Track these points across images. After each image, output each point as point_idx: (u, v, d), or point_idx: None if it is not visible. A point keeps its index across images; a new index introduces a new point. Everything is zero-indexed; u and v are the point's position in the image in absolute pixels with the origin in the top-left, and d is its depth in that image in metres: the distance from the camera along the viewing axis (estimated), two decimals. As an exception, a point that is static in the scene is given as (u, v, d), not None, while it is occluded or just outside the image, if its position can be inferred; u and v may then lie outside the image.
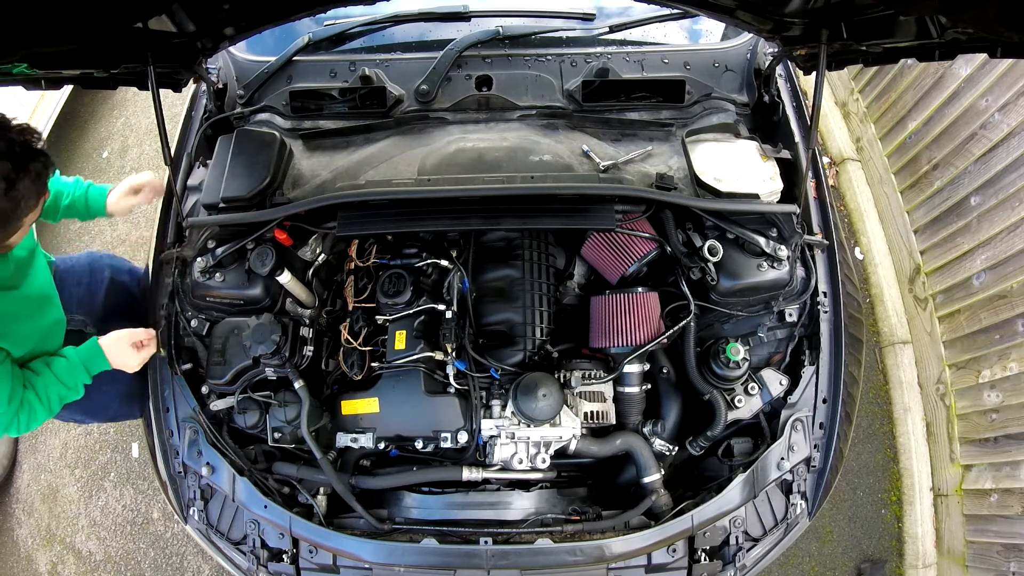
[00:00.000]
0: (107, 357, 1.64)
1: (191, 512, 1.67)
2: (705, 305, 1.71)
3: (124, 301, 2.03)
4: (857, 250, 3.21)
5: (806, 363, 1.67)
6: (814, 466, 1.64)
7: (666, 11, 1.89)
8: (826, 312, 1.70)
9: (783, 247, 1.66)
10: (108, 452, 3.06)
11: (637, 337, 1.67)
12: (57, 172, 1.80)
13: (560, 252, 1.98)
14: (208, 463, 1.63)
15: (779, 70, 1.96)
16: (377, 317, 1.78)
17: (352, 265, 1.88)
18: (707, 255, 1.65)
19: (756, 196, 1.67)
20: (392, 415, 1.67)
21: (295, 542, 1.60)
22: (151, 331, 1.71)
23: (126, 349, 1.64)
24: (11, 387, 1.49)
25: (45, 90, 1.54)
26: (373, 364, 1.75)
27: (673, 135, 1.85)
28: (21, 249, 1.58)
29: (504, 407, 1.65)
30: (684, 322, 1.69)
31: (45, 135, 3.61)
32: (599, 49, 1.98)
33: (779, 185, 1.71)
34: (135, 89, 1.61)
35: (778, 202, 1.70)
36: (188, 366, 1.76)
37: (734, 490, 1.55)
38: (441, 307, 1.72)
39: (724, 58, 1.98)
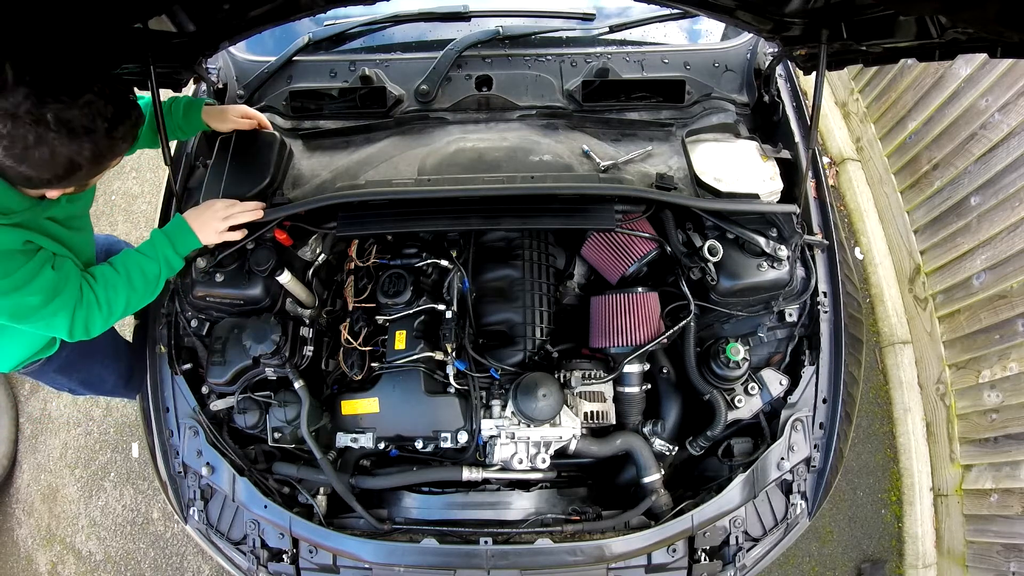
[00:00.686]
0: (193, 229, 1.56)
1: (191, 512, 1.67)
2: (705, 305, 1.71)
3: None
4: (857, 250, 3.21)
5: (806, 363, 1.67)
6: (814, 466, 1.64)
7: (666, 11, 1.89)
8: (826, 312, 1.70)
9: (783, 247, 1.66)
10: (108, 452, 3.06)
11: (637, 337, 1.67)
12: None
13: (560, 252, 1.98)
14: (208, 463, 1.63)
15: (779, 70, 1.96)
16: (377, 317, 1.78)
17: (352, 265, 1.88)
18: (707, 255, 1.65)
19: (756, 196, 1.67)
20: (392, 415, 1.67)
21: (295, 542, 1.60)
22: (254, 204, 1.62)
23: (213, 221, 1.57)
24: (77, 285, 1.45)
25: (45, 90, 1.53)
26: (373, 364, 1.75)
27: (673, 135, 1.86)
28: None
29: (504, 407, 1.65)
30: (684, 322, 1.69)
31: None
32: (599, 49, 1.98)
33: (779, 185, 1.71)
34: (135, 89, 1.61)
35: (778, 202, 1.70)
36: (188, 366, 1.76)
37: (734, 490, 1.55)
38: (441, 307, 1.72)
39: (724, 58, 1.98)
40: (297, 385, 1.66)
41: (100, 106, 1.23)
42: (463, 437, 1.62)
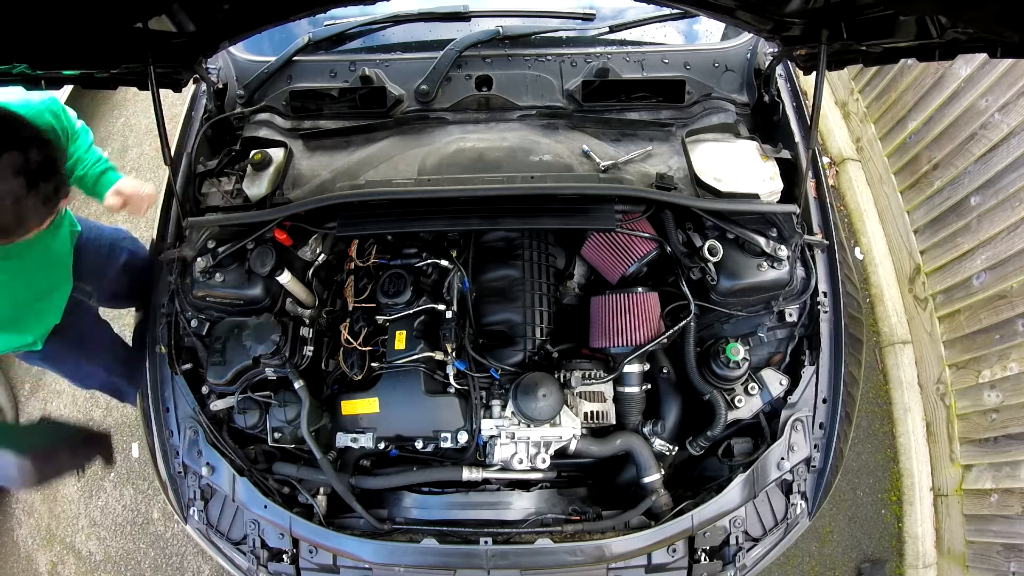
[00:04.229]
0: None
1: (191, 512, 1.67)
2: (705, 305, 1.71)
3: (133, 285, 2.06)
4: (857, 250, 3.21)
5: (806, 363, 1.67)
6: (814, 466, 1.64)
7: (666, 11, 1.89)
8: (826, 312, 1.70)
9: (783, 247, 1.66)
10: (108, 452, 3.06)
11: (637, 337, 1.67)
12: (90, 136, 1.82)
13: (560, 252, 1.98)
14: (208, 463, 1.63)
15: (779, 70, 1.96)
16: (377, 317, 1.78)
17: (352, 265, 1.88)
18: (707, 255, 1.65)
19: (756, 196, 1.67)
20: (392, 415, 1.67)
21: (295, 542, 1.60)
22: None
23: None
24: None
25: (45, 90, 1.54)
26: (373, 364, 1.75)
27: (673, 135, 1.85)
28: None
29: (504, 407, 1.65)
30: (684, 322, 1.69)
31: (45, 135, 3.61)
32: (599, 49, 1.98)
33: (779, 185, 1.71)
34: (135, 89, 1.61)
35: (778, 202, 1.70)
36: (188, 366, 1.76)
37: (734, 490, 1.55)
38: (441, 307, 1.72)
39: (724, 58, 1.98)
40: (297, 385, 1.66)
41: (21, 162, 1.20)
42: (463, 437, 1.62)
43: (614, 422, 1.76)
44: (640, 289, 1.73)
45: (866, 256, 3.18)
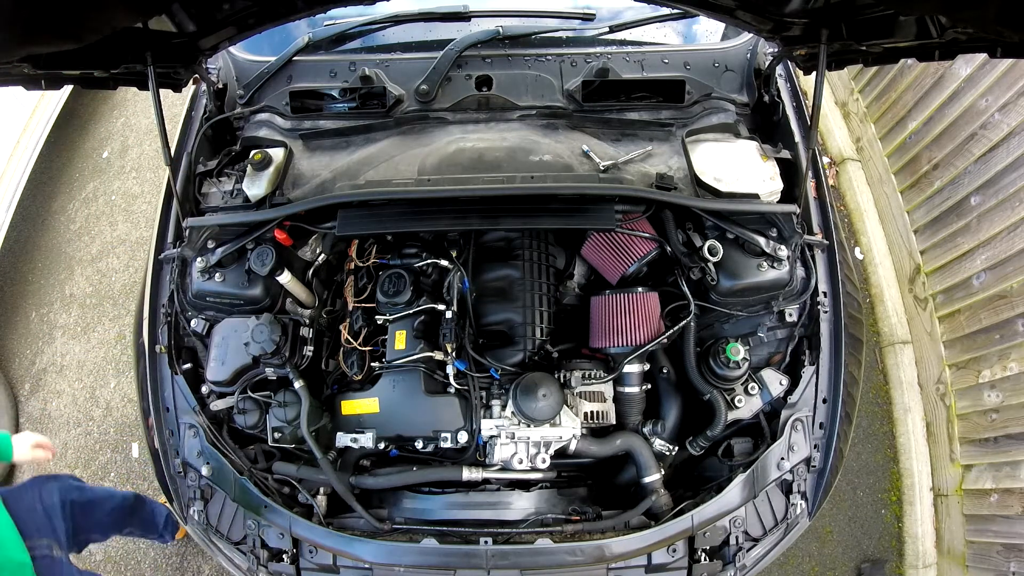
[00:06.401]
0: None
1: (191, 512, 1.67)
2: (705, 305, 1.71)
3: (86, 513, 2.09)
4: (857, 250, 3.21)
5: (806, 363, 1.67)
6: (814, 466, 1.64)
7: (666, 11, 1.89)
8: (826, 312, 1.70)
9: (783, 247, 1.66)
10: (108, 452, 3.06)
11: (637, 337, 1.67)
12: None
13: (560, 252, 1.98)
14: (208, 463, 1.63)
15: (779, 70, 1.96)
16: (377, 317, 1.78)
17: (352, 265, 1.88)
18: (707, 255, 1.65)
19: (756, 196, 1.67)
20: (392, 415, 1.67)
21: (295, 542, 1.60)
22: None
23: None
24: None
25: (45, 90, 1.53)
26: (373, 364, 1.75)
27: (673, 135, 1.85)
28: None
29: (504, 407, 1.65)
30: (684, 322, 1.69)
31: (45, 135, 3.61)
32: (599, 49, 1.98)
33: (779, 185, 1.71)
34: (135, 89, 1.61)
35: (778, 202, 1.70)
36: (188, 366, 1.76)
37: (734, 490, 1.55)
38: (441, 307, 1.72)
39: (724, 58, 1.98)
40: (297, 385, 1.66)
41: None
42: (463, 437, 1.62)
43: (614, 422, 1.76)
44: (640, 289, 1.73)
45: (866, 256, 3.18)
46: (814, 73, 1.55)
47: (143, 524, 2.38)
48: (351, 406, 1.71)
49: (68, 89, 3.69)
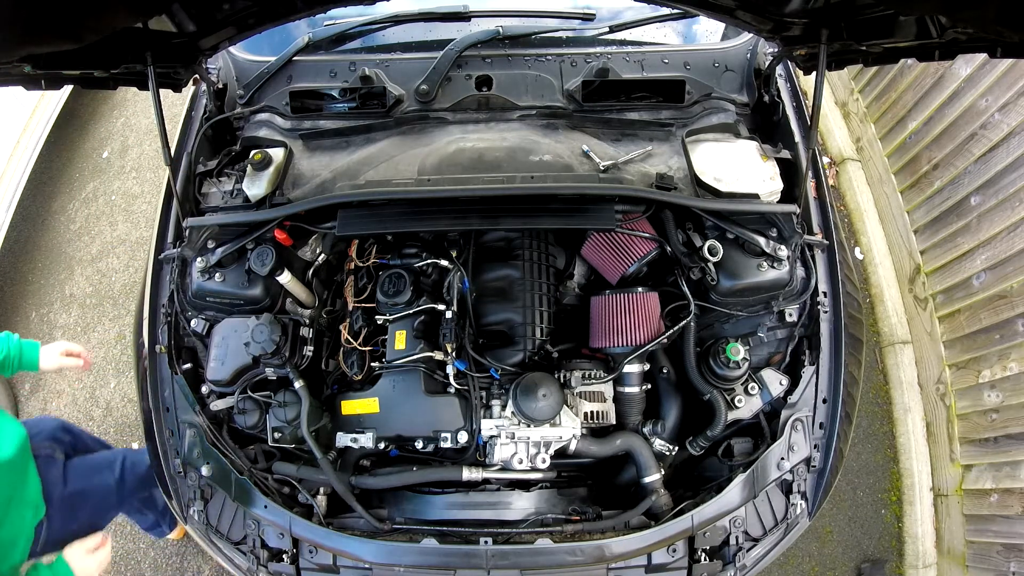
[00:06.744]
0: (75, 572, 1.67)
1: (191, 512, 1.67)
2: (705, 305, 1.71)
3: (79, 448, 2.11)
4: (857, 250, 3.21)
5: (806, 363, 1.67)
6: (814, 466, 1.64)
7: (666, 11, 1.89)
8: (826, 312, 1.70)
9: (783, 247, 1.66)
10: (108, 452, 3.06)
11: (637, 337, 1.67)
12: None
13: (560, 252, 1.98)
14: (208, 463, 1.63)
15: (779, 70, 1.96)
16: (377, 317, 1.78)
17: (352, 265, 1.88)
18: (707, 255, 1.65)
19: (756, 196, 1.67)
20: (392, 415, 1.67)
21: (295, 542, 1.60)
22: (101, 536, 1.77)
23: (87, 558, 1.69)
24: None
25: (45, 90, 1.53)
26: (373, 364, 1.75)
27: (673, 135, 1.85)
28: None
29: (504, 407, 1.65)
30: (684, 322, 1.69)
31: (45, 135, 3.61)
32: (599, 49, 1.98)
33: (779, 185, 1.71)
34: (135, 89, 1.61)
35: (778, 202, 1.70)
36: (188, 366, 1.76)
37: (734, 490, 1.55)
38: (441, 307, 1.72)
39: (724, 58, 1.98)
40: (297, 385, 1.66)
41: None
42: (463, 437, 1.62)
43: (614, 422, 1.76)
44: (640, 289, 1.73)
45: (866, 256, 3.18)
46: (814, 73, 1.55)
47: (142, 484, 2.20)
48: (351, 406, 1.71)
49: (68, 89, 3.69)
